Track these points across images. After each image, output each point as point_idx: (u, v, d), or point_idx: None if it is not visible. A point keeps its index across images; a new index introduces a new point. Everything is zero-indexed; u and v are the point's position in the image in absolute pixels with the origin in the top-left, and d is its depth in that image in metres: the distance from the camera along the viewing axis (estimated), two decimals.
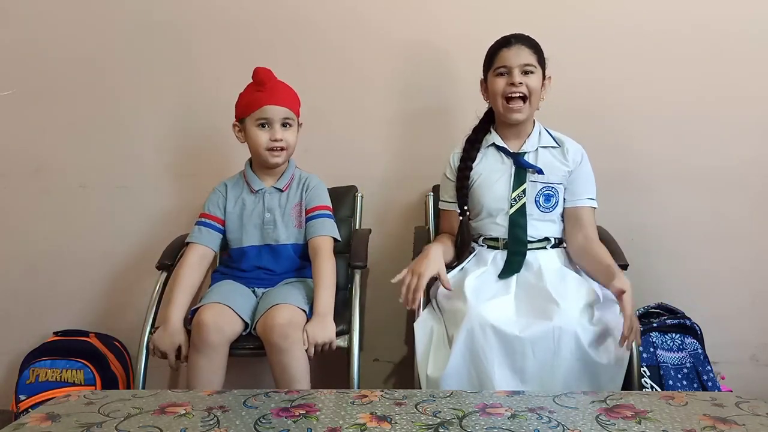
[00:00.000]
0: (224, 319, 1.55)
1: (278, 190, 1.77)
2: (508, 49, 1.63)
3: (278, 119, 1.69)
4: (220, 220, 1.77)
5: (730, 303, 2.03)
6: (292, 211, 1.77)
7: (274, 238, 1.75)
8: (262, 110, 1.68)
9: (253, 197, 1.77)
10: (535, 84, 1.62)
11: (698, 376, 1.74)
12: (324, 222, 1.75)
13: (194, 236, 1.75)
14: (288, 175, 1.79)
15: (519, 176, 1.67)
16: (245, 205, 1.77)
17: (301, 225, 1.77)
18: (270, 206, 1.76)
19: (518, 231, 1.65)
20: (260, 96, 1.69)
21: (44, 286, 2.14)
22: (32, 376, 1.90)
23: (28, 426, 1.06)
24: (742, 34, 1.97)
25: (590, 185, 1.70)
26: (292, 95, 1.75)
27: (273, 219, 1.75)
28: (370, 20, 2.05)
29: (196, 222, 1.77)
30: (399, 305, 2.09)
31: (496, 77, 1.64)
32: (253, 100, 1.70)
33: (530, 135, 1.70)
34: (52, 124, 2.12)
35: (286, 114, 1.71)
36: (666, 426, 1.04)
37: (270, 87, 1.69)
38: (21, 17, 2.10)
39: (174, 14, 2.08)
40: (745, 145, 2.02)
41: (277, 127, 1.69)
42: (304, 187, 1.79)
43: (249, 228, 1.76)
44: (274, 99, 1.69)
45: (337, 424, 1.05)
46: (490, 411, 1.10)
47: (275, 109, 1.69)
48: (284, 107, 1.70)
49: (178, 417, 1.09)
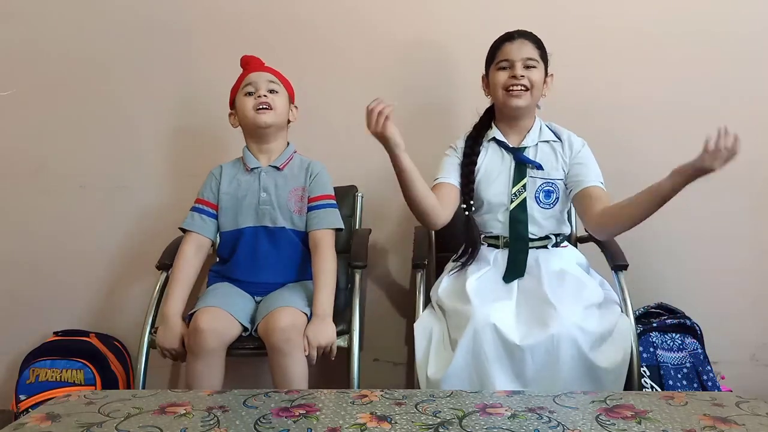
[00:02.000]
0: (221, 323, 1.54)
1: (275, 169, 1.74)
2: (511, 43, 1.62)
3: (263, 82, 1.71)
4: (213, 205, 1.75)
5: (730, 303, 2.03)
6: (291, 194, 1.73)
7: (271, 218, 1.72)
8: (247, 78, 1.72)
9: (248, 176, 1.74)
10: (536, 78, 1.61)
11: (698, 376, 1.74)
12: (326, 213, 1.72)
13: (188, 223, 1.74)
14: (286, 154, 1.76)
15: (519, 171, 1.66)
16: (240, 185, 1.74)
17: (301, 211, 1.74)
18: (266, 185, 1.73)
19: (519, 227, 1.65)
20: (246, 71, 1.75)
21: (44, 286, 2.14)
22: (32, 376, 1.90)
23: (28, 426, 1.06)
24: (742, 34, 1.97)
25: (595, 169, 1.65)
26: (278, 72, 1.77)
27: (269, 199, 1.72)
28: (370, 20, 2.06)
29: (192, 207, 1.76)
30: (399, 305, 2.10)
31: (498, 71, 1.64)
32: (241, 77, 1.75)
33: (530, 130, 1.69)
34: (52, 124, 2.12)
35: (271, 78, 1.73)
36: (666, 426, 1.04)
37: (255, 62, 1.76)
38: (21, 17, 2.10)
39: (174, 14, 2.08)
40: (745, 145, 2.01)
41: (262, 89, 1.70)
42: (307, 172, 1.75)
43: (244, 208, 1.72)
44: (257, 67, 1.75)
45: (337, 424, 1.05)
46: (490, 411, 1.10)
47: (259, 74, 1.72)
48: (269, 72, 1.74)
49: (178, 417, 1.09)
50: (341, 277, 1.84)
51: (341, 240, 1.91)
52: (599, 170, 1.67)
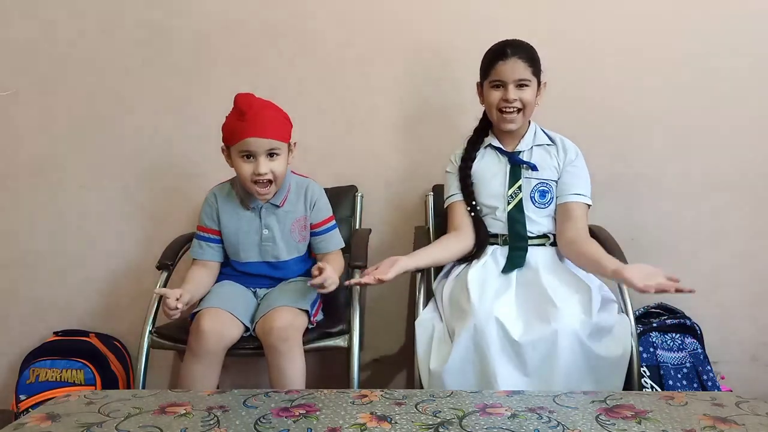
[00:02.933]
0: (223, 325, 1.54)
1: (275, 206, 1.70)
2: (504, 62, 1.63)
3: (262, 151, 1.57)
4: (216, 231, 1.72)
5: (730, 303, 2.03)
6: (293, 226, 1.71)
7: (274, 254, 1.71)
8: (245, 143, 1.56)
9: (248, 213, 1.70)
10: (529, 97, 1.64)
11: (698, 376, 1.74)
12: (332, 236, 1.75)
13: (197, 252, 1.72)
14: (284, 189, 1.70)
15: (514, 173, 1.69)
16: (241, 220, 1.70)
17: (304, 239, 1.73)
18: (267, 223, 1.69)
19: (518, 226, 1.67)
20: (242, 127, 1.56)
21: (44, 286, 2.14)
22: (32, 376, 1.91)
23: (29, 426, 1.06)
24: (742, 35, 1.97)
25: (582, 182, 1.69)
26: (277, 122, 1.61)
27: (272, 236, 1.69)
28: (371, 20, 2.05)
29: (196, 236, 1.74)
30: (399, 305, 2.10)
31: (492, 89, 1.66)
32: (236, 131, 1.57)
33: (524, 135, 1.72)
34: (52, 124, 2.12)
35: (271, 145, 1.58)
36: (666, 426, 1.04)
37: (251, 116, 1.55)
38: (21, 17, 2.10)
39: (174, 15, 2.08)
40: (745, 145, 2.02)
41: (261, 159, 1.57)
42: (306, 199, 1.72)
43: (246, 245, 1.70)
44: (256, 130, 1.56)
45: (337, 424, 1.05)
46: (490, 411, 1.10)
47: (258, 141, 1.56)
48: (268, 138, 1.57)
49: (178, 417, 1.09)
50: (341, 277, 1.84)
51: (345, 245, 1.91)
52: (588, 181, 1.70)
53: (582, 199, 1.68)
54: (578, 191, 1.68)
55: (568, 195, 1.67)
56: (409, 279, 2.05)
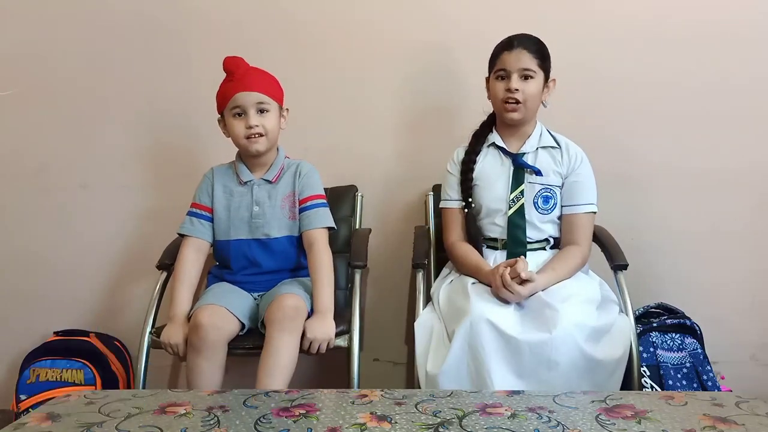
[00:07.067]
0: (220, 319, 1.55)
1: (267, 182, 1.73)
2: (509, 52, 1.62)
3: (252, 105, 1.65)
4: (208, 209, 1.74)
5: (730, 303, 2.03)
6: (284, 201, 1.73)
7: (264, 232, 1.71)
8: (234, 99, 1.65)
9: (241, 188, 1.73)
10: (532, 89, 1.62)
11: (698, 375, 1.74)
12: (317, 212, 1.72)
13: (187, 228, 1.73)
14: (278, 165, 1.74)
15: (517, 177, 1.68)
16: (233, 196, 1.73)
17: (294, 216, 1.73)
18: (259, 198, 1.72)
19: (517, 232, 1.66)
20: (231, 86, 1.65)
21: (44, 286, 2.15)
22: (33, 376, 1.91)
23: (29, 426, 1.06)
24: (743, 35, 1.97)
25: (587, 191, 1.69)
26: (266, 80, 1.69)
27: (262, 212, 1.71)
28: (371, 20, 2.05)
29: (188, 212, 1.75)
30: (399, 305, 2.10)
31: (496, 80, 1.66)
32: (226, 91, 1.67)
33: (530, 136, 1.70)
34: (52, 124, 2.12)
35: (260, 99, 1.65)
36: (666, 426, 1.04)
37: (240, 75, 1.65)
38: (21, 17, 2.10)
39: (174, 15, 2.08)
40: (746, 145, 2.02)
41: (251, 113, 1.65)
42: (296, 174, 1.74)
43: (236, 221, 1.72)
44: (244, 86, 1.65)
45: (337, 424, 1.05)
46: (490, 411, 1.10)
47: (247, 95, 1.64)
48: (256, 92, 1.65)
49: (178, 417, 1.09)
50: (341, 277, 1.84)
51: (341, 240, 1.91)
52: (593, 188, 1.70)
53: (589, 209, 1.68)
54: (586, 201, 1.68)
55: (576, 206, 1.67)
56: (409, 279, 2.05)
